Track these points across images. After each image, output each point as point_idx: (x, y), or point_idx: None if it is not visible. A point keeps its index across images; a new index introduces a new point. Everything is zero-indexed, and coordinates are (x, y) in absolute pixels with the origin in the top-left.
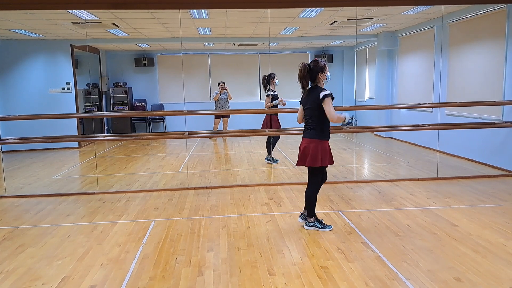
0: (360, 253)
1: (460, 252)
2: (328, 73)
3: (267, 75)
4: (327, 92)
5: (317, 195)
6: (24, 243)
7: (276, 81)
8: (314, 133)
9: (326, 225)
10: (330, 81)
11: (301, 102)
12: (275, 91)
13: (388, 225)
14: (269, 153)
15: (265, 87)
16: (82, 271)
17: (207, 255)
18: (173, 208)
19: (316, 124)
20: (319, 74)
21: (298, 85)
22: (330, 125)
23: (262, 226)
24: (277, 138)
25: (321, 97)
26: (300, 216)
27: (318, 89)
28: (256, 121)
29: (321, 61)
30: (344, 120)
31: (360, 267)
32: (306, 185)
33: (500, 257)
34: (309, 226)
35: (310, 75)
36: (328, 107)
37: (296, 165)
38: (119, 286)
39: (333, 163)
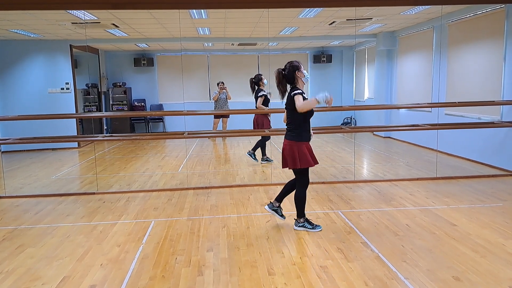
0: (359, 253)
1: (459, 252)
2: (305, 71)
3: (253, 77)
4: (299, 91)
5: (310, 195)
6: (24, 243)
7: (265, 80)
8: (291, 135)
9: (316, 225)
10: (309, 79)
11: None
12: (265, 91)
13: (388, 225)
14: (263, 153)
15: (253, 89)
16: (81, 271)
17: (207, 255)
18: (172, 208)
19: (293, 126)
20: (296, 72)
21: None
22: (310, 127)
23: (262, 226)
24: (268, 137)
25: (292, 95)
26: (268, 205)
27: (292, 89)
28: None
29: (295, 61)
30: (319, 103)
31: (360, 266)
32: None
33: (499, 256)
34: (299, 226)
35: (287, 78)
36: (297, 101)
37: (282, 167)
38: (118, 286)
39: (317, 163)
